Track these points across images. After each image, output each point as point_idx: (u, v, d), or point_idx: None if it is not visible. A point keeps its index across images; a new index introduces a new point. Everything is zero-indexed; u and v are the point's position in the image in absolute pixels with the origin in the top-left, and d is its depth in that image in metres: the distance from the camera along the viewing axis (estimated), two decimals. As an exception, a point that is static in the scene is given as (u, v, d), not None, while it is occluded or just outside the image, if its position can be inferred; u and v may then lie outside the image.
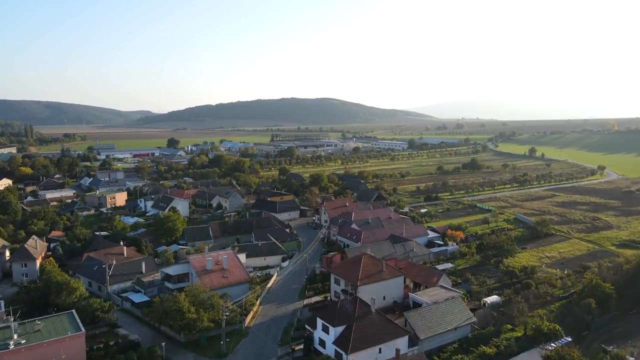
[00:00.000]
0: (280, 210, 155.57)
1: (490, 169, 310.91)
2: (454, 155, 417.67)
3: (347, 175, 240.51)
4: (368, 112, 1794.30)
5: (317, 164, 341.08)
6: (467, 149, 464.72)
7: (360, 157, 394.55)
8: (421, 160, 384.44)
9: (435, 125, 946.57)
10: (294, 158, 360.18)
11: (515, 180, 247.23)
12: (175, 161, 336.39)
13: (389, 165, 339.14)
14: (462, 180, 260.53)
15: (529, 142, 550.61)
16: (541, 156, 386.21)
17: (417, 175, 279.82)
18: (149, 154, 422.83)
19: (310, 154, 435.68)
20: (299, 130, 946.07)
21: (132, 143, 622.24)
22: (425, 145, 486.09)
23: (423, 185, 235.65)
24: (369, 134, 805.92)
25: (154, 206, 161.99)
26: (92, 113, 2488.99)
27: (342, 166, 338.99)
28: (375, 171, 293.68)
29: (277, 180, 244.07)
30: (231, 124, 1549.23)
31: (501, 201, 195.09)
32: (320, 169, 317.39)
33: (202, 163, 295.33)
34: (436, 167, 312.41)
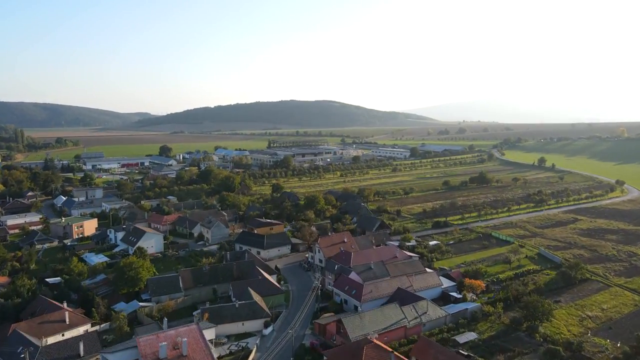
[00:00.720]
0: (269, 246, 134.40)
1: (499, 182, 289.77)
2: (459, 165, 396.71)
3: (346, 194, 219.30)
4: (368, 114, 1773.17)
5: (314, 177, 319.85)
6: (472, 158, 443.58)
7: (360, 167, 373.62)
8: (425, 171, 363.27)
9: (437, 130, 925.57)
10: (290, 169, 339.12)
11: (529, 199, 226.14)
12: (163, 174, 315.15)
13: (390, 178, 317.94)
14: (472, 197, 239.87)
15: (535, 149, 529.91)
16: (551, 167, 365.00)
17: (422, 192, 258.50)
18: (137, 163, 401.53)
19: (308, 163, 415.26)
20: (297, 135, 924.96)
21: (124, 149, 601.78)
22: (428, 153, 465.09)
23: (430, 206, 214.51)
24: (369, 139, 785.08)
25: (123, 239, 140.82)
26: (89, 115, 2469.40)
27: (341, 179, 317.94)
28: (376, 186, 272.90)
29: (270, 199, 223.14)
30: (229, 127, 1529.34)
31: (518, 228, 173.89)
32: (317, 183, 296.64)
33: (191, 177, 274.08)
34: (442, 181, 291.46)
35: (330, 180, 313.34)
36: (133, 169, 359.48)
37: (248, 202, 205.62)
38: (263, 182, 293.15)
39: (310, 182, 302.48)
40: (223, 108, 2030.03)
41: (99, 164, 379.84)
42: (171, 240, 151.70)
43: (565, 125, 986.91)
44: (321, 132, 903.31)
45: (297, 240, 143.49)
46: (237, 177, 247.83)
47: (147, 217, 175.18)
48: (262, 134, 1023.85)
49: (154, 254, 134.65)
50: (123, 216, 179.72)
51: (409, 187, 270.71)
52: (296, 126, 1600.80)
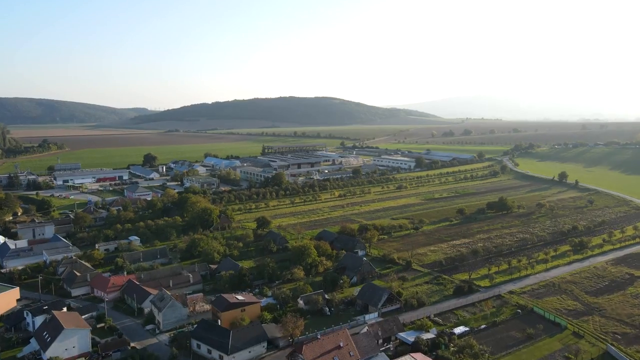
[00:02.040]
0: (235, 349, 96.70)
1: (522, 207, 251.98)
2: (469, 180, 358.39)
3: (344, 236, 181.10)
4: (368, 111, 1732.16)
5: (309, 199, 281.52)
6: (484, 170, 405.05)
7: (361, 183, 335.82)
8: (433, 188, 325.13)
9: (441, 131, 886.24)
10: (282, 188, 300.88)
11: (564, 239, 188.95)
12: (137, 196, 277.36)
13: (395, 201, 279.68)
14: (494, 233, 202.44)
15: (549, 157, 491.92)
16: (574, 183, 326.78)
17: (434, 224, 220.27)
18: (115, 177, 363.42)
19: (304, 176, 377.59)
20: (295, 136, 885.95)
21: (110, 153, 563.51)
22: (434, 163, 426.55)
23: (445, 249, 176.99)
24: (370, 142, 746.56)
25: (36, 335, 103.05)
26: (85, 111, 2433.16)
27: (340, 201, 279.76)
28: (380, 214, 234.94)
29: (252, 240, 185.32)
30: (226, 125, 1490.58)
31: (564, 294, 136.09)
32: (312, 208, 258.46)
33: (164, 206, 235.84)
34: (455, 206, 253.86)
35: (328, 202, 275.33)
36: (106, 188, 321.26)
37: (224, 249, 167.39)
38: (250, 208, 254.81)
39: (304, 206, 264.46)
40: (221, 104, 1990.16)
41: (71, 179, 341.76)
42: (109, 324, 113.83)
43: (574, 125, 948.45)
44: (320, 133, 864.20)
45: (277, 333, 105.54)
46: (215, 209, 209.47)
47: (90, 279, 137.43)
48: (258, 134, 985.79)
49: (76, 358, 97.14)
50: (62, 275, 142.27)
51: (418, 216, 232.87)
52: (295, 124, 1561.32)
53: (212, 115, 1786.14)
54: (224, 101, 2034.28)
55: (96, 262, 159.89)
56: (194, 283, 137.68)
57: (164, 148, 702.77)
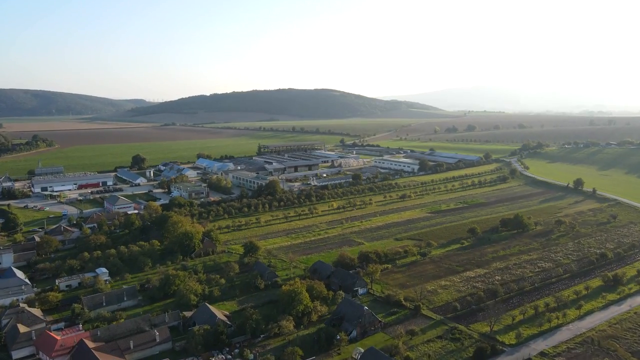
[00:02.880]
0: None
1: (539, 224, 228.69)
2: (477, 187, 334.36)
3: (341, 270, 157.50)
4: (369, 104, 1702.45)
5: (304, 212, 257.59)
6: (492, 174, 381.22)
7: (361, 190, 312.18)
8: (439, 197, 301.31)
9: (444, 126, 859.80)
10: (276, 199, 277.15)
11: (593, 270, 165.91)
12: (117, 209, 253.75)
13: (399, 214, 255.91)
14: (511, 261, 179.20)
15: (560, 158, 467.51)
16: (592, 192, 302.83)
17: (443, 248, 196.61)
18: (98, 183, 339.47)
19: (300, 181, 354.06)
20: (293, 131, 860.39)
21: (100, 151, 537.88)
22: (439, 166, 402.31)
23: (458, 284, 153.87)
24: (372, 139, 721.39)
25: None
26: (82, 103, 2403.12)
27: (338, 214, 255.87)
28: (382, 233, 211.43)
29: (238, 272, 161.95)
30: (224, 118, 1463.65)
31: (605, 355, 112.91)
32: (308, 224, 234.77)
33: (143, 224, 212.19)
34: (466, 223, 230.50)
35: (325, 216, 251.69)
36: (87, 196, 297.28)
37: (203, 289, 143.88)
38: (239, 225, 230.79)
39: (299, 222, 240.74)
40: (219, 97, 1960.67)
41: (50, 187, 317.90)
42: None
43: (580, 120, 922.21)
44: (319, 128, 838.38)
45: None
46: (198, 233, 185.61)
47: (35, 337, 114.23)
48: (256, 129, 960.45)
49: None
50: (4, 330, 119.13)
51: (425, 236, 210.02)
52: (294, 117, 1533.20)
53: (210, 107, 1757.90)
54: (222, 93, 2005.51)
55: (52, 306, 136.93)
56: (161, 342, 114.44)
57: (157, 145, 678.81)
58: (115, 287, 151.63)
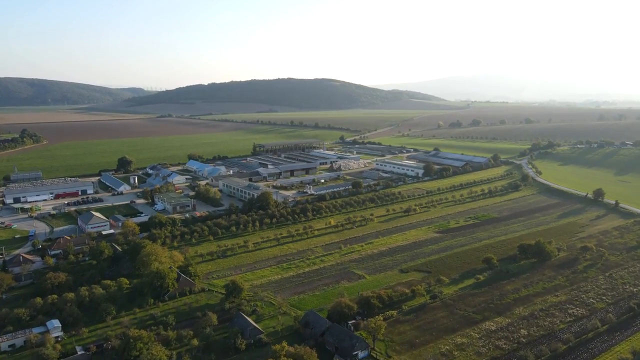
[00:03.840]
0: None
1: (562, 248, 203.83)
2: (488, 197, 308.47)
3: (337, 326, 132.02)
4: (370, 94, 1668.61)
5: (299, 231, 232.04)
6: (502, 180, 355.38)
7: (362, 201, 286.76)
8: (446, 211, 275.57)
9: (448, 120, 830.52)
10: (268, 214, 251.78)
11: (635, 321, 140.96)
12: (92, 228, 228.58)
13: (404, 235, 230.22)
14: (537, 304, 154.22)
15: (573, 160, 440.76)
16: (614, 204, 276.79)
17: (455, 284, 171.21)
18: (78, 192, 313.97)
19: (296, 188, 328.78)
20: (292, 125, 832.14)
21: (84, 152, 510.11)
22: (445, 170, 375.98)
23: (476, 346, 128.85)
24: (372, 135, 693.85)
25: None
26: (78, 92, 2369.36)
27: (336, 234, 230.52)
28: (386, 269, 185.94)
29: (216, 324, 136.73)
30: (221, 109, 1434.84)
31: None
32: (302, 249, 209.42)
33: (115, 253, 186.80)
34: (478, 250, 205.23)
35: (321, 237, 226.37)
36: (62, 209, 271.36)
37: (169, 356, 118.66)
38: (225, 250, 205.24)
39: (292, 245, 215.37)
40: (217, 86, 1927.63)
41: (23, 197, 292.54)
42: None
43: (588, 113, 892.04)
44: (318, 122, 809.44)
45: None
46: (172, 272, 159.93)
47: None
48: (253, 122, 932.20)
49: None
50: None
51: (434, 266, 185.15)
52: (293, 107, 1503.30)
53: (208, 97, 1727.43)
54: (220, 82, 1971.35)
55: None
56: None
57: (150, 141, 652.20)
58: (68, 346, 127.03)
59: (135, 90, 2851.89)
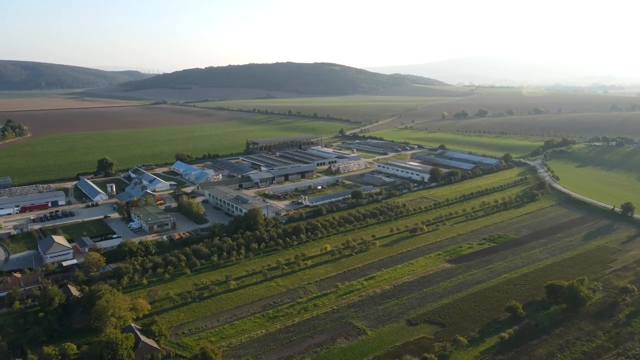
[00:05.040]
0: None
1: (596, 288, 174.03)
2: (502, 209, 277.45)
3: None
4: (371, 79, 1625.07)
5: (290, 259, 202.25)
6: (516, 187, 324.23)
7: (362, 217, 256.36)
8: (457, 229, 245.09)
9: (453, 110, 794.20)
10: (256, 237, 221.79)
11: None
12: (50, 258, 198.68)
13: (410, 266, 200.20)
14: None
15: (590, 161, 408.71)
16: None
17: (475, 345, 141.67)
18: (47, 203, 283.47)
19: (290, 198, 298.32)
20: (289, 116, 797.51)
21: (68, 147, 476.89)
22: (454, 175, 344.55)
23: None
24: (374, 127, 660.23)
25: None
26: (73, 75, 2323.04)
27: (332, 264, 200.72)
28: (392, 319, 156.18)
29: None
30: (218, 95, 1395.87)
31: None
32: (292, 287, 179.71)
33: (68, 300, 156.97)
34: (499, 290, 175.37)
35: (316, 268, 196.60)
36: (25, 227, 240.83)
37: None
38: (201, 289, 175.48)
39: (281, 281, 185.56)
40: (214, 70, 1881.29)
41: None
42: None
43: (601, 102, 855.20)
44: (317, 113, 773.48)
45: None
46: (128, 338, 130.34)
47: None
48: (250, 110, 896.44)
49: None
50: None
51: (448, 313, 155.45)
52: (292, 93, 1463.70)
53: (205, 82, 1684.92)
54: (217, 66, 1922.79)
55: None
56: None
57: (139, 134, 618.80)
58: None
59: (132, 73, 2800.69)
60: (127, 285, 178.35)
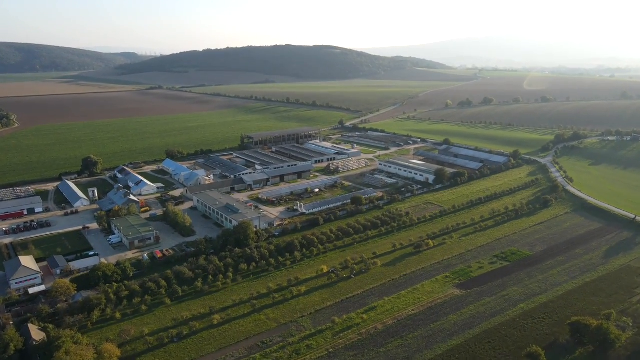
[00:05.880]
0: None
1: (625, 325, 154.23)
2: (513, 218, 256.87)
3: None
4: (372, 63, 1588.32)
5: (282, 285, 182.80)
6: (528, 192, 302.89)
7: (361, 229, 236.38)
8: (465, 243, 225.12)
9: (457, 98, 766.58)
10: (246, 255, 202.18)
11: None
12: (17, 283, 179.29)
13: (413, 289, 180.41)
14: None
15: (604, 158, 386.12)
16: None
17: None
18: (22, 211, 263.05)
19: (285, 204, 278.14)
20: (287, 103, 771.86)
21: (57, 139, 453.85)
22: (460, 175, 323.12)
23: None
24: (375, 117, 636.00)
25: None
26: (68, 57, 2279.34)
27: (328, 289, 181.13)
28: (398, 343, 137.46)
29: None
30: (216, 79, 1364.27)
31: None
32: (284, 320, 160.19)
33: (27, 345, 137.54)
34: (518, 334, 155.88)
35: (310, 295, 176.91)
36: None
37: None
38: (182, 324, 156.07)
39: (271, 312, 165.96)
40: (212, 53, 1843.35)
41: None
42: None
43: (611, 87, 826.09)
44: (316, 101, 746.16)
45: None
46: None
47: None
48: (247, 97, 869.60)
49: None
50: None
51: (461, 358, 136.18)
52: (292, 77, 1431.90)
53: (203, 65, 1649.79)
54: (215, 49, 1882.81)
55: None
56: None
57: (130, 124, 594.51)
58: None
59: (129, 55, 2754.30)
60: (97, 320, 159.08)
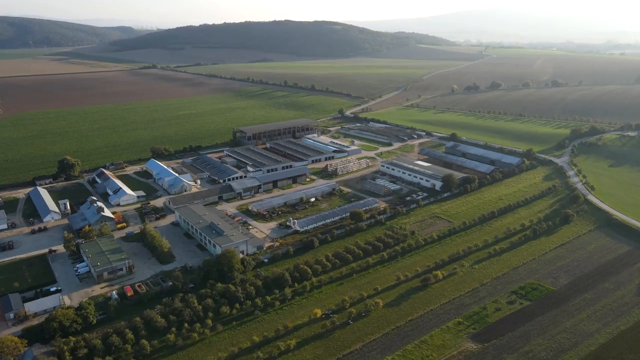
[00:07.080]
0: None
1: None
2: (531, 238, 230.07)
3: None
4: (374, 40, 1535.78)
5: (269, 335, 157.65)
6: (546, 203, 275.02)
7: (362, 252, 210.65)
8: (479, 270, 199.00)
9: (463, 81, 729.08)
10: (230, 292, 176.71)
11: None
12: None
13: (420, 341, 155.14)
14: None
15: (625, 158, 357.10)
16: None
17: None
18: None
19: (277, 218, 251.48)
20: (286, 86, 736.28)
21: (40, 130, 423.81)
22: (469, 181, 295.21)
23: None
24: (377, 103, 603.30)
25: None
26: (62, 32, 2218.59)
27: (322, 341, 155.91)
28: None
29: None
30: (212, 57, 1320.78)
31: None
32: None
33: None
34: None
35: (300, 352, 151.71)
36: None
37: None
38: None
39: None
40: (209, 28, 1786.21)
41: None
42: None
43: (625, 68, 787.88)
44: (315, 85, 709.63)
45: None
46: None
47: None
48: (244, 80, 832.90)
49: None
50: None
51: None
52: (291, 55, 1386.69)
53: (199, 41, 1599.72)
54: (212, 24, 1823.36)
55: None
56: None
57: (117, 112, 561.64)
58: None
59: (125, 29, 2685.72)
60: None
